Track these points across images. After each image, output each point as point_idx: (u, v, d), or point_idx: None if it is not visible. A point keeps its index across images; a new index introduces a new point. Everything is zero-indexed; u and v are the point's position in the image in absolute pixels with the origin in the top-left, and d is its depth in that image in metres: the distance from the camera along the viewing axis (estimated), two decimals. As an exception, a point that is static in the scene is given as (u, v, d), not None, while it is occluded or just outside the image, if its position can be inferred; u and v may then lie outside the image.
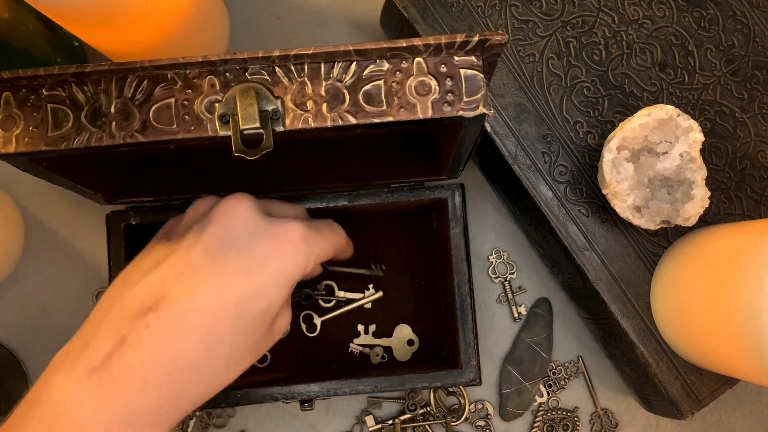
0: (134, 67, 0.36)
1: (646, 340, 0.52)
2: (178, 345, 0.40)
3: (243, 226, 0.43)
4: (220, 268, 0.41)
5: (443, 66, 0.37)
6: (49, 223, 0.61)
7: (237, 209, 0.44)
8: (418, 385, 0.53)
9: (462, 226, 0.54)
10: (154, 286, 0.41)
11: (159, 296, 0.40)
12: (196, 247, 0.42)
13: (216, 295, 0.41)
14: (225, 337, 0.41)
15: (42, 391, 0.40)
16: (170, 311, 0.40)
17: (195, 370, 0.41)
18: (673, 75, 0.53)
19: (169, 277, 0.41)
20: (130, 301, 0.41)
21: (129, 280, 0.42)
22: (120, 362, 0.39)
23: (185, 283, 0.41)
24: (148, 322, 0.40)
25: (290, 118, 0.36)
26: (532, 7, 0.53)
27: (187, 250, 0.42)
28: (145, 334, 0.39)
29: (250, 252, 0.42)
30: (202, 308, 0.41)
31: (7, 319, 0.60)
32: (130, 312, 0.40)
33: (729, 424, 0.61)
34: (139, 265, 0.44)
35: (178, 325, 0.40)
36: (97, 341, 0.40)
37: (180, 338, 0.40)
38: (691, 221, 0.49)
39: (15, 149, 0.37)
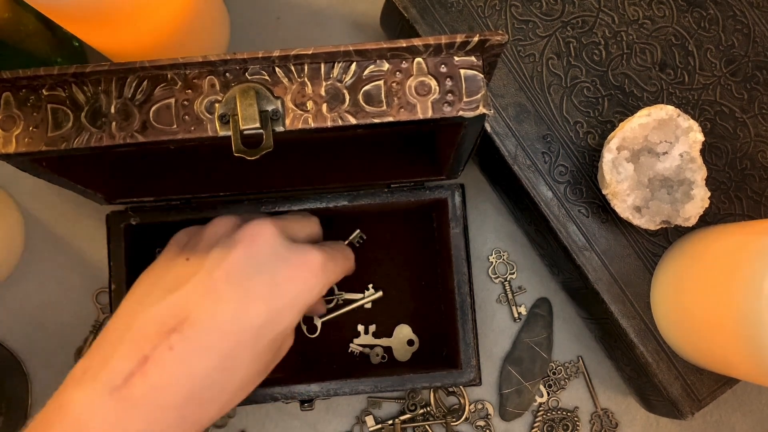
0: (134, 68, 0.36)
1: (646, 340, 0.52)
2: (200, 366, 0.41)
3: (266, 251, 0.44)
4: (242, 292, 0.42)
5: (443, 66, 0.36)
6: (49, 223, 0.61)
7: (262, 234, 0.44)
8: (418, 385, 0.53)
9: (462, 226, 0.54)
10: (176, 306, 0.41)
11: (182, 317, 0.41)
12: (220, 270, 0.42)
13: (238, 318, 0.42)
14: (243, 359, 0.42)
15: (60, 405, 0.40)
16: (193, 333, 0.41)
17: (214, 391, 0.42)
18: (673, 75, 0.53)
19: (192, 298, 0.42)
20: (152, 320, 0.41)
21: (149, 297, 0.43)
22: (142, 381, 0.39)
23: (208, 305, 0.41)
24: (171, 343, 0.40)
25: (290, 119, 0.36)
26: (532, 8, 0.53)
27: (211, 273, 0.42)
28: (168, 355, 0.40)
29: (271, 278, 0.43)
30: (224, 330, 0.41)
31: (7, 319, 0.60)
32: (152, 331, 0.41)
33: (729, 424, 0.61)
34: (158, 282, 0.44)
35: (201, 346, 0.41)
36: (119, 359, 0.40)
37: (202, 359, 0.41)
38: (691, 221, 0.49)
39: (15, 149, 0.37)
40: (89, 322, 0.60)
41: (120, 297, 0.53)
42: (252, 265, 0.43)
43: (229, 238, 0.45)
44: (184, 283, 0.42)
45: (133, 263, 0.55)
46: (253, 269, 0.43)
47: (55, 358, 0.60)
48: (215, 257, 0.43)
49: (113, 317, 0.44)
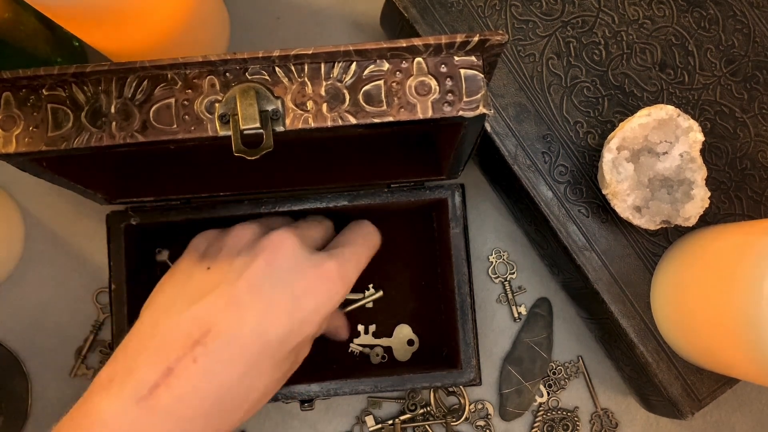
0: (134, 67, 0.36)
1: (646, 340, 0.52)
2: (224, 377, 0.41)
3: (288, 262, 0.44)
4: (265, 303, 0.43)
5: (443, 66, 0.36)
6: (49, 223, 0.61)
7: (284, 246, 0.45)
8: (418, 385, 0.53)
9: (462, 226, 0.54)
10: (200, 317, 0.42)
11: (205, 328, 0.41)
12: (242, 281, 0.43)
13: (260, 329, 0.42)
14: (265, 369, 0.43)
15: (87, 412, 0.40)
16: (217, 345, 0.41)
17: (236, 401, 0.42)
18: (673, 75, 0.53)
19: (215, 309, 0.42)
20: (176, 330, 0.42)
21: (173, 306, 0.43)
22: (167, 393, 0.40)
23: (231, 316, 0.42)
24: (195, 355, 0.41)
25: (290, 118, 0.36)
26: (532, 7, 0.53)
27: (233, 283, 0.43)
28: (193, 367, 0.40)
29: (293, 289, 0.44)
30: (247, 342, 0.42)
31: (7, 319, 0.60)
32: (177, 342, 0.41)
33: (729, 424, 0.61)
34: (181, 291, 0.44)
35: (224, 358, 0.41)
36: (144, 369, 0.40)
37: (225, 371, 0.41)
38: (691, 221, 0.49)
39: (15, 149, 0.37)
40: (89, 322, 0.60)
41: (120, 297, 0.53)
42: (274, 276, 0.44)
43: (251, 248, 0.45)
44: (206, 293, 0.43)
45: (133, 263, 0.55)
46: (275, 280, 0.44)
47: (55, 358, 0.60)
48: (237, 267, 0.44)
49: (137, 324, 0.44)
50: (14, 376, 0.59)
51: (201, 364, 0.41)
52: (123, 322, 0.53)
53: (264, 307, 0.43)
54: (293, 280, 0.44)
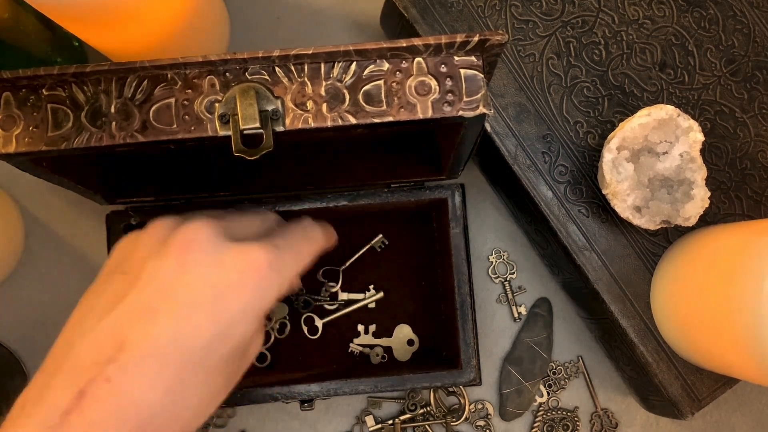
0: (134, 67, 0.36)
1: (646, 340, 0.52)
2: (143, 396, 0.36)
3: (203, 259, 0.39)
4: (180, 308, 0.38)
5: (443, 66, 0.36)
6: (49, 223, 0.61)
7: (196, 239, 0.39)
8: (418, 385, 0.53)
9: (462, 226, 0.54)
10: (111, 332, 0.37)
11: (117, 343, 0.37)
12: (152, 286, 0.38)
13: (178, 338, 0.37)
14: (194, 380, 0.38)
15: None
16: (131, 360, 0.36)
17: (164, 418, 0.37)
18: (673, 75, 0.53)
19: (127, 322, 0.37)
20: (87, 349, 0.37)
21: (85, 320, 0.39)
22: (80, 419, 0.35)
23: (144, 327, 0.37)
24: (108, 374, 0.36)
25: (290, 118, 0.36)
26: (532, 7, 0.53)
27: (143, 290, 0.38)
28: (106, 387, 0.36)
29: (212, 288, 0.38)
30: (165, 354, 0.37)
31: (7, 319, 0.60)
32: (87, 361, 0.37)
33: (729, 424, 0.61)
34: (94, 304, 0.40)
35: (141, 374, 0.36)
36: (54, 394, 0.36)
37: (144, 389, 0.36)
38: (691, 221, 0.49)
39: (15, 149, 0.37)
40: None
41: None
42: (188, 275, 0.38)
43: (163, 244, 0.40)
44: (117, 303, 0.38)
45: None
46: (189, 281, 0.38)
47: (55, 358, 0.60)
48: (148, 270, 0.39)
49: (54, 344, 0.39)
50: (14, 376, 0.59)
51: (115, 384, 0.36)
52: (123, 322, 0.53)
53: (180, 312, 0.37)
54: (212, 278, 0.38)
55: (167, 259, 0.39)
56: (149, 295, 0.38)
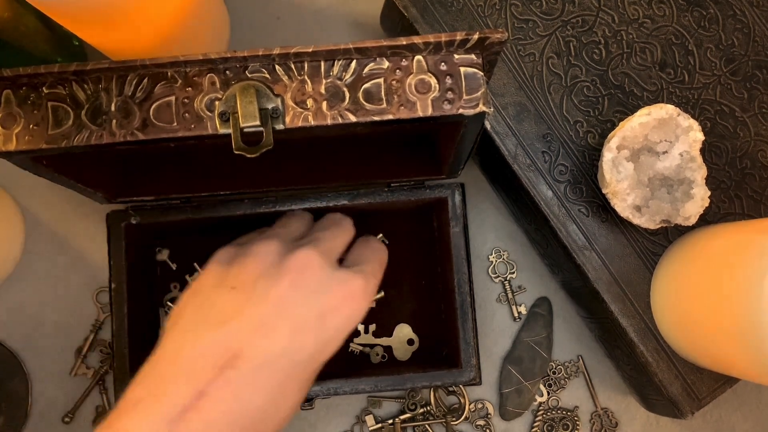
0: (135, 65, 0.36)
1: (646, 339, 0.52)
2: (254, 402, 0.41)
3: (314, 282, 0.44)
4: (293, 324, 0.42)
5: (443, 64, 0.37)
6: (49, 223, 0.61)
7: (310, 266, 0.44)
8: (418, 384, 0.53)
9: (462, 226, 0.54)
10: (229, 339, 0.41)
11: (235, 350, 0.41)
12: (269, 303, 0.43)
13: (289, 352, 0.42)
14: (292, 391, 0.43)
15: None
16: (248, 368, 0.41)
17: (264, 423, 0.42)
18: (673, 74, 0.53)
19: (245, 332, 0.42)
20: (205, 353, 0.41)
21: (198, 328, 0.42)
22: (198, 417, 0.39)
23: (261, 339, 0.41)
24: (227, 378, 0.40)
25: (290, 116, 0.36)
26: (532, 7, 0.53)
27: (260, 305, 0.42)
28: (225, 391, 0.40)
29: (319, 309, 0.43)
30: (276, 365, 0.41)
31: (7, 319, 0.60)
32: (207, 364, 0.40)
33: (729, 424, 0.61)
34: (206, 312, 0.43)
35: (256, 381, 0.41)
36: (174, 392, 0.40)
37: (256, 395, 0.41)
38: (691, 220, 0.49)
39: (15, 147, 0.37)
40: (89, 322, 0.60)
41: (120, 296, 0.53)
42: (300, 296, 0.43)
43: (277, 268, 0.44)
44: (234, 315, 0.42)
45: (133, 262, 0.55)
46: (302, 300, 0.43)
47: (55, 358, 0.60)
48: (263, 288, 0.43)
49: (162, 344, 0.43)
50: (14, 376, 0.59)
51: (233, 388, 0.40)
52: (123, 321, 0.53)
53: (292, 328, 0.42)
54: (319, 299, 0.44)
55: (283, 281, 0.43)
56: (265, 311, 0.42)
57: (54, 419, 0.59)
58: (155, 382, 0.41)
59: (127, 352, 0.53)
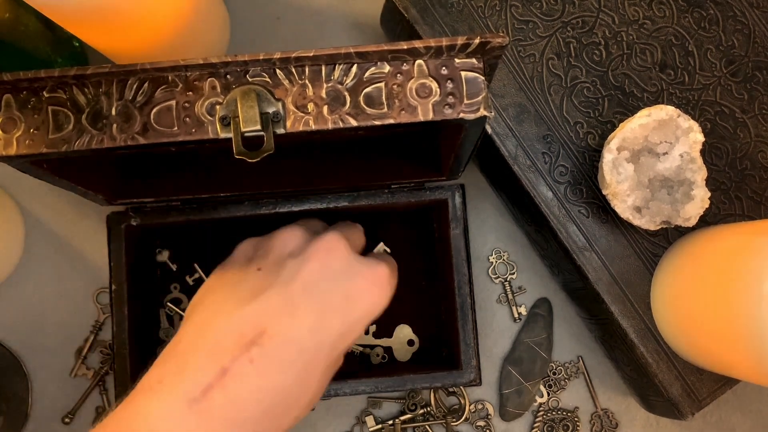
0: (135, 69, 0.36)
1: (646, 340, 0.52)
2: (278, 380, 0.40)
3: (340, 265, 0.44)
4: (319, 305, 0.42)
5: (444, 68, 0.36)
6: (49, 223, 0.61)
7: (336, 248, 0.44)
8: (418, 385, 0.53)
9: (462, 227, 0.54)
10: (254, 317, 0.41)
11: (260, 328, 0.40)
12: (296, 283, 0.42)
13: (315, 332, 0.41)
14: (317, 372, 0.42)
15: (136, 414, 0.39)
16: (273, 345, 0.40)
17: (288, 405, 0.41)
18: (673, 75, 0.53)
19: (270, 310, 0.41)
20: (230, 330, 0.40)
21: (223, 306, 0.42)
22: (221, 394, 0.38)
23: (287, 318, 0.41)
24: (252, 356, 0.39)
25: (291, 121, 0.36)
26: (533, 8, 0.53)
27: (287, 285, 0.42)
28: (249, 368, 0.39)
29: (345, 292, 0.43)
30: (302, 345, 0.41)
31: (7, 319, 0.60)
32: (231, 342, 0.40)
33: (729, 424, 0.61)
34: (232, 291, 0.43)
35: (281, 360, 0.40)
36: (196, 370, 0.39)
37: (280, 374, 0.40)
38: (692, 222, 0.49)
39: (16, 151, 0.36)
40: (89, 322, 0.60)
41: (120, 297, 0.53)
42: (327, 278, 0.43)
43: (303, 250, 0.45)
44: (259, 293, 0.42)
45: (133, 263, 0.55)
46: (328, 283, 0.43)
47: (55, 358, 0.60)
48: (290, 269, 0.43)
49: (185, 325, 0.43)
50: (14, 376, 0.59)
51: (257, 365, 0.39)
52: (123, 322, 0.53)
53: (319, 308, 0.42)
54: (346, 283, 0.43)
55: (310, 262, 0.43)
56: (292, 290, 0.42)
57: (54, 419, 0.59)
58: (176, 361, 0.40)
59: (127, 353, 0.53)
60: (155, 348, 0.58)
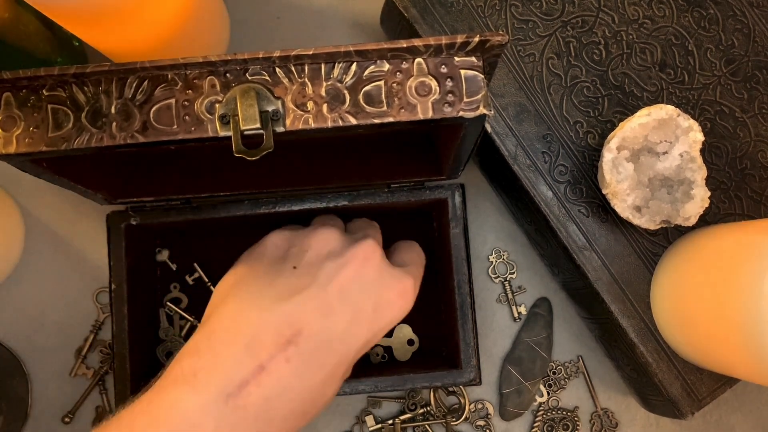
0: (135, 68, 0.36)
1: (646, 339, 0.52)
2: (311, 380, 0.41)
3: (374, 274, 0.45)
4: (353, 311, 0.43)
5: (444, 67, 0.36)
6: (49, 223, 0.61)
7: (373, 257, 0.45)
8: (418, 384, 0.53)
9: (462, 226, 0.54)
10: (291, 316, 0.41)
11: (297, 328, 0.41)
12: (333, 286, 0.43)
13: (347, 336, 0.42)
14: (339, 376, 0.43)
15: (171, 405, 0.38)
16: (308, 346, 0.41)
17: (313, 405, 0.42)
18: (673, 75, 0.53)
19: (308, 310, 0.42)
20: (267, 327, 0.41)
21: (259, 302, 0.42)
22: (257, 391, 0.39)
23: (322, 320, 0.42)
24: (288, 354, 0.40)
25: (291, 119, 0.36)
26: (532, 7, 0.53)
27: (324, 288, 0.43)
28: (285, 367, 0.40)
29: (375, 301, 0.44)
30: (334, 347, 0.42)
31: (7, 319, 0.60)
32: (268, 339, 0.40)
33: (729, 424, 0.61)
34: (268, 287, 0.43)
35: (314, 360, 0.41)
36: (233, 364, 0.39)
37: (313, 374, 0.41)
38: (691, 221, 0.49)
39: (15, 150, 0.37)
40: (89, 322, 0.60)
41: (120, 297, 0.53)
42: (361, 286, 0.44)
43: (341, 255, 0.45)
44: (296, 292, 0.42)
45: (133, 263, 0.55)
46: (362, 290, 0.44)
47: (55, 358, 0.60)
48: (328, 272, 0.44)
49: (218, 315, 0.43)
50: (14, 376, 0.59)
51: (293, 365, 0.40)
52: (123, 321, 0.53)
53: (351, 315, 0.43)
54: (377, 292, 0.44)
55: (347, 267, 0.44)
56: (329, 293, 0.43)
57: (54, 419, 0.59)
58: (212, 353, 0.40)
59: (127, 353, 0.53)
60: (155, 348, 0.58)
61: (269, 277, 0.44)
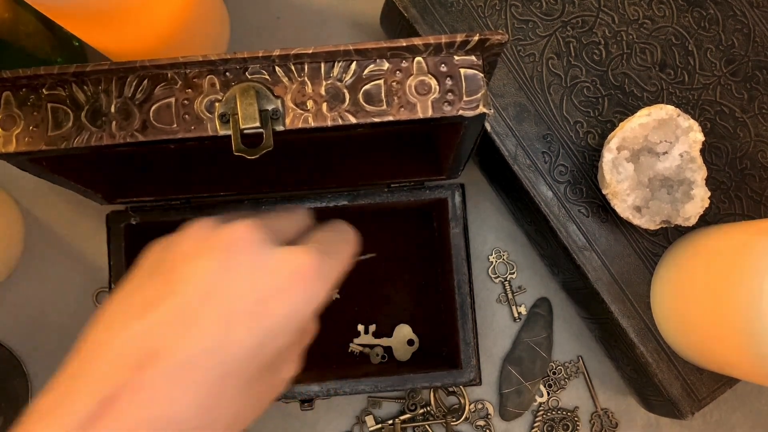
0: (134, 67, 0.36)
1: (646, 340, 0.52)
2: (176, 407, 0.34)
3: (247, 261, 0.36)
4: (222, 314, 0.35)
5: (443, 65, 0.36)
6: (49, 223, 0.61)
7: (240, 240, 0.37)
8: (418, 384, 0.53)
9: (462, 226, 0.54)
10: (146, 335, 0.34)
11: (153, 349, 0.34)
12: (191, 289, 0.35)
13: (216, 348, 0.34)
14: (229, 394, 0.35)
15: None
16: (167, 368, 0.34)
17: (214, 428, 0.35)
18: (673, 75, 0.53)
19: (164, 326, 0.35)
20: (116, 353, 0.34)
21: (116, 322, 0.36)
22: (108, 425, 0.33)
23: (183, 333, 0.34)
24: (143, 380, 0.33)
25: (290, 118, 0.36)
26: (532, 7, 0.53)
27: (181, 293, 0.35)
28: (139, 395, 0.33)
29: (255, 293, 0.36)
30: (203, 364, 0.34)
31: (7, 319, 0.60)
32: (119, 364, 0.34)
33: (729, 424, 0.61)
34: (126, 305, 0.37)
35: (175, 384, 0.34)
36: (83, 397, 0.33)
37: (179, 399, 0.34)
38: (691, 221, 0.49)
39: (15, 149, 0.37)
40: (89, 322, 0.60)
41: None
42: (232, 279, 0.36)
43: (202, 246, 0.37)
44: (153, 307, 0.35)
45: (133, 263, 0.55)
46: (234, 284, 0.36)
47: (55, 358, 0.59)
48: (187, 272, 0.36)
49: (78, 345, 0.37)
50: (14, 376, 0.59)
51: (148, 392, 0.33)
52: (123, 321, 0.53)
53: (222, 319, 0.35)
54: (256, 283, 0.36)
55: (209, 261, 0.36)
56: (188, 298, 0.35)
57: (54, 419, 0.59)
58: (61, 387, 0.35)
59: (127, 353, 0.53)
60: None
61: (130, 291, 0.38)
